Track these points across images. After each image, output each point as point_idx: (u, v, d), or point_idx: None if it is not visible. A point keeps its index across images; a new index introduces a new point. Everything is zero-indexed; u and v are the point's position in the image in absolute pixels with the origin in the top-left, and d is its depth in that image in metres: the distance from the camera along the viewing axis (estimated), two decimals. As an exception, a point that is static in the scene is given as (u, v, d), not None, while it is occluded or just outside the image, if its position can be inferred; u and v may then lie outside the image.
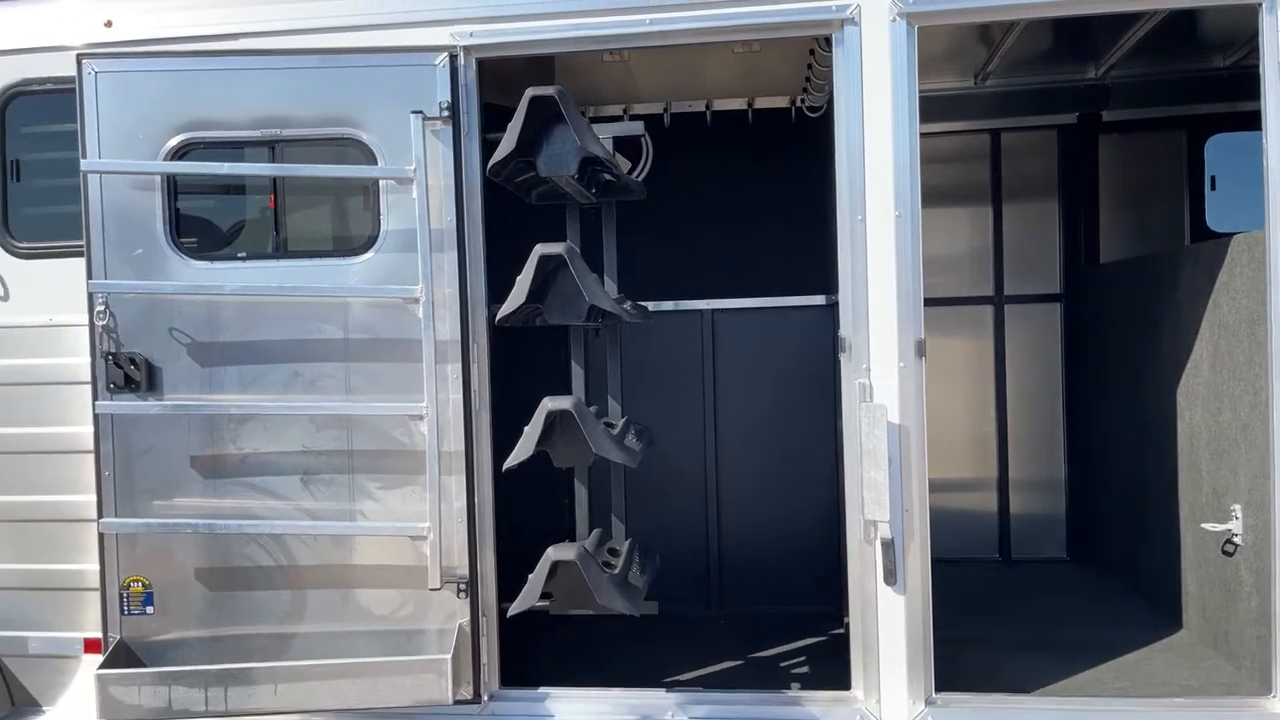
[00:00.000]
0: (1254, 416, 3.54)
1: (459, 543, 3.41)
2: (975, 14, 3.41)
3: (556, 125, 3.06)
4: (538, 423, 3.05)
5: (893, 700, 3.36)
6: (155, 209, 3.41)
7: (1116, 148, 5.58)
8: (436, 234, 3.37)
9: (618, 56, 4.26)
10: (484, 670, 3.47)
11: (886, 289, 3.33)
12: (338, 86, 3.39)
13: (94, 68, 3.36)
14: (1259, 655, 3.51)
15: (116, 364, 3.37)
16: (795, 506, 4.79)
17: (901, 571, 3.32)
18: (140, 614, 3.41)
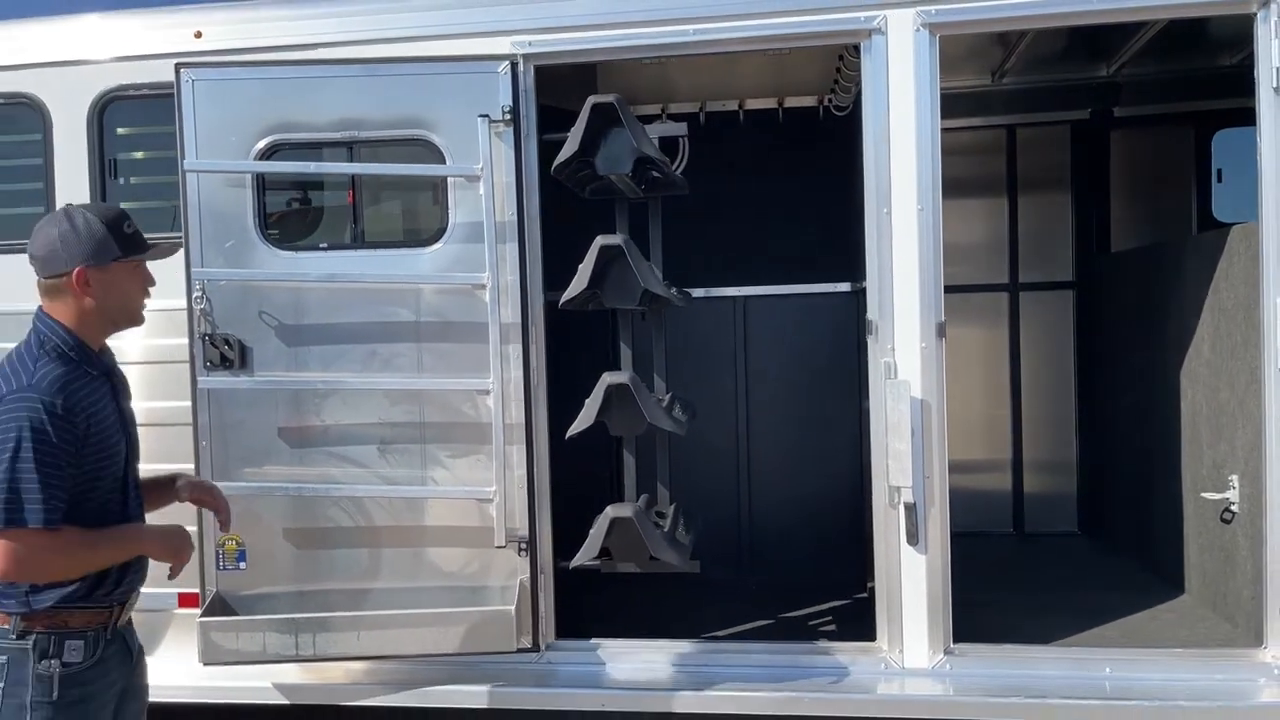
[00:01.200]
0: (1249, 393, 3.83)
1: (520, 506, 3.75)
2: (992, 24, 3.71)
3: (613, 128, 3.39)
4: (598, 395, 3.39)
5: (914, 650, 3.69)
6: (246, 204, 3.75)
7: (1127, 142, 5.82)
8: (500, 227, 3.69)
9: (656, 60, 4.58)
10: (542, 622, 3.81)
11: (910, 276, 3.64)
12: (410, 92, 3.71)
13: (191, 76, 3.70)
14: (1253, 613, 3.81)
15: (213, 344, 3.72)
16: (821, 479, 5.09)
17: (923, 532, 3.65)
18: (234, 569, 3.76)
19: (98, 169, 4.04)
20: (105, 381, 2.42)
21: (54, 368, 2.28)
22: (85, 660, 2.32)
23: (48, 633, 2.29)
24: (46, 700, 2.26)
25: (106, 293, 2.37)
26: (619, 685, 3.77)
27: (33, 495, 2.18)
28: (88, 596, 2.33)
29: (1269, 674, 3.53)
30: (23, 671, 2.26)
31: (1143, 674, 3.61)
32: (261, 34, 3.93)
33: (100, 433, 2.34)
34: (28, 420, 2.19)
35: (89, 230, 2.35)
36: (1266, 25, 3.45)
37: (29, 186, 4.14)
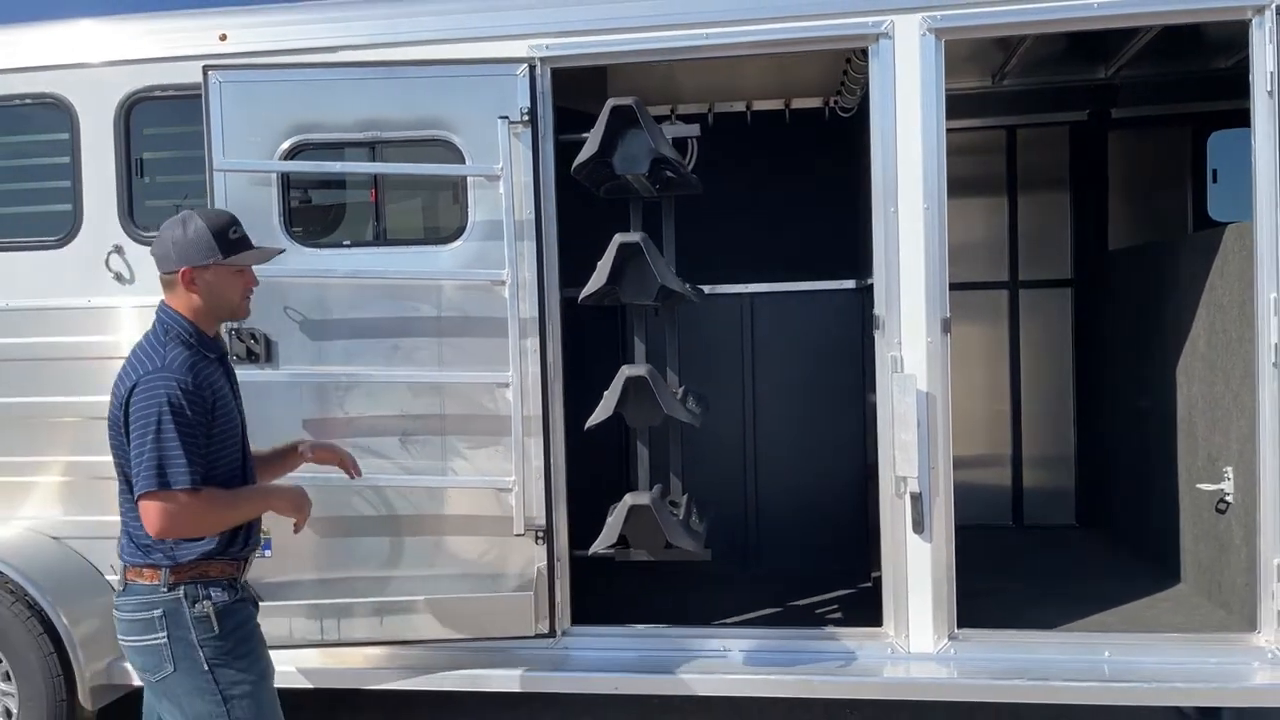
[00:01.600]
0: (1244, 387, 3.95)
1: (537, 495, 3.86)
2: (996, 29, 3.83)
3: (630, 129, 3.51)
4: (616, 387, 3.51)
5: (920, 635, 3.82)
6: (272, 202, 3.86)
7: (1124, 143, 5.92)
8: (518, 225, 3.80)
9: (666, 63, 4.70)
10: (558, 608, 3.92)
11: (916, 273, 3.76)
12: (431, 94, 3.81)
13: (219, 78, 3.80)
14: (1247, 600, 3.93)
15: (239, 339, 3.82)
16: (826, 472, 5.21)
17: (928, 521, 3.77)
18: (260, 557, 3.84)
19: (124, 168, 4.14)
20: (220, 364, 2.75)
21: (180, 351, 2.60)
22: (231, 598, 2.67)
23: (193, 582, 2.61)
24: (212, 635, 2.60)
25: (209, 290, 2.68)
26: (632, 669, 3.89)
27: (178, 462, 2.48)
28: (223, 552, 2.66)
29: (1262, 658, 3.65)
30: (181, 618, 2.59)
31: (1140, 657, 3.74)
32: (285, 37, 4.03)
33: (223, 409, 2.66)
34: (165, 397, 2.49)
35: (196, 234, 2.67)
36: (1261, 31, 3.57)
37: (57, 185, 4.23)
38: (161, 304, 2.72)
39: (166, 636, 2.59)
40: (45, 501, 4.26)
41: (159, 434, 2.48)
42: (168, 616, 2.59)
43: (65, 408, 4.20)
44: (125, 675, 4.05)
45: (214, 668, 2.60)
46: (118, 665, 4.06)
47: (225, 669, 2.61)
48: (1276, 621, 3.62)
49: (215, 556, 2.65)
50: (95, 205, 4.17)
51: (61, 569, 4.11)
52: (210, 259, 2.66)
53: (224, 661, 2.61)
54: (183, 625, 2.59)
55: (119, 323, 4.17)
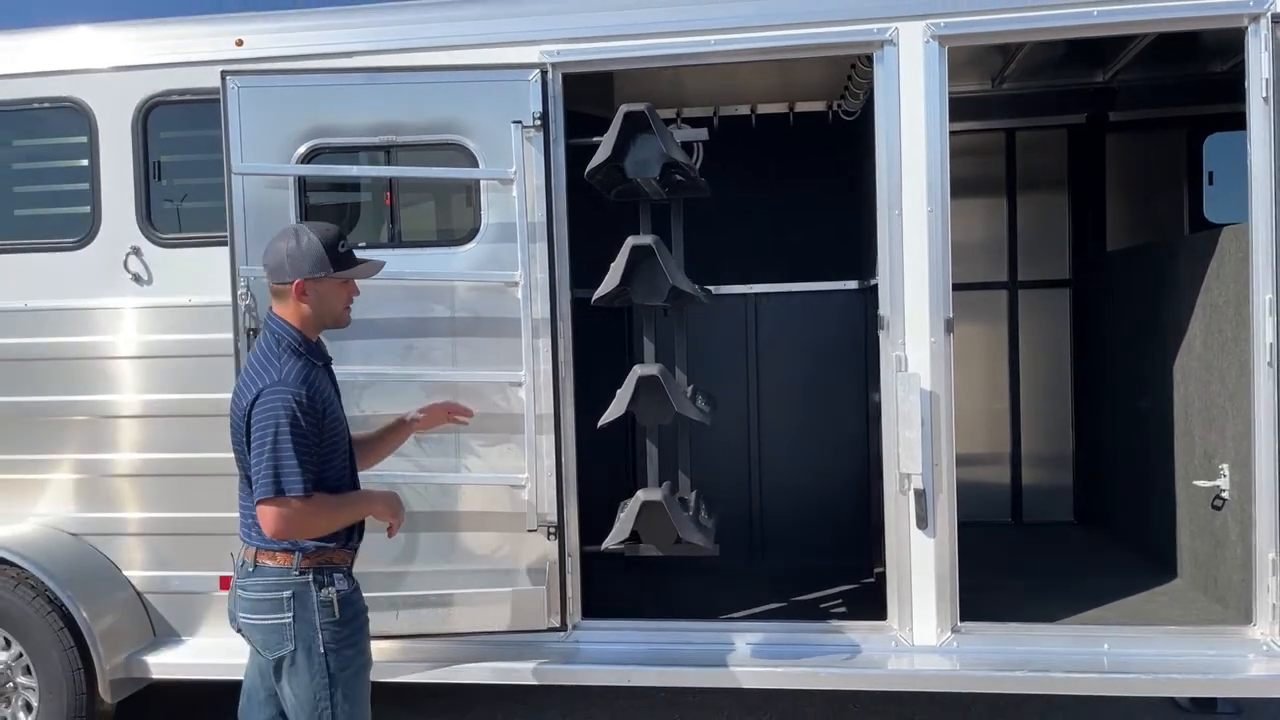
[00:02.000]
0: (1240, 386, 4.04)
1: (548, 492, 3.94)
2: (998, 36, 3.91)
3: (642, 134, 3.59)
4: (629, 386, 3.59)
5: (923, 628, 3.90)
6: (289, 205, 3.93)
7: (1122, 145, 6.01)
8: (531, 227, 3.88)
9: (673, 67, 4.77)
10: (569, 602, 4.00)
11: (920, 274, 3.84)
12: (445, 98, 3.89)
13: (236, 83, 3.88)
14: (1242, 594, 4.01)
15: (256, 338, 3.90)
16: (829, 470, 5.30)
17: (932, 517, 3.86)
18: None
19: (142, 171, 4.22)
20: (325, 371, 2.95)
21: (294, 362, 2.81)
22: (349, 587, 2.89)
23: (321, 568, 2.83)
24: (333, 620, 2.81)
25: (319, 300, 2.87)
26: (643, 661, 3.96)
27: (292, 470, 2.70)
28: (345, 543, 2.92)
29: (1257, 650, 3.74)
30: (308, 600, 2.81)
31: (1139, 650, 3.83)
32: (300, 42, 4.10)
33: (332, 415, 2.86)
34: (283, 409, 2.71)
35: (310, 247, 2.84)
36: (1257, 38, 3.65)
37: (76, 187, 4.30)
38: (270, 313, 2.92)
39: (292, 617, 2.79)
40: (63, 499, 4.33)
41: (276, 444, 2.69)
42: (296, 599, 2.79)
43: (83, 406, 4.28)
44: (144, 669, 4.14)
45: (328, 650, 2.80)
46: (136, 659, 4.14)
47: (337, 653, 2.81)
48: (1271, 614, 3.71)
49: (339, 546, 2.89)
50: (113, 208, 4.24)
51: (81, 564, 4.18)
52: (322, 271, 2.84)
53: (337, 647, 2.81)
54: (309, 608, 2.80)
55: (136, 323, 4.25)
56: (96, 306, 4.25)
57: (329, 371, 2.99)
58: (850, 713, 4.78)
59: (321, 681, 2.80)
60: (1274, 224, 3.66)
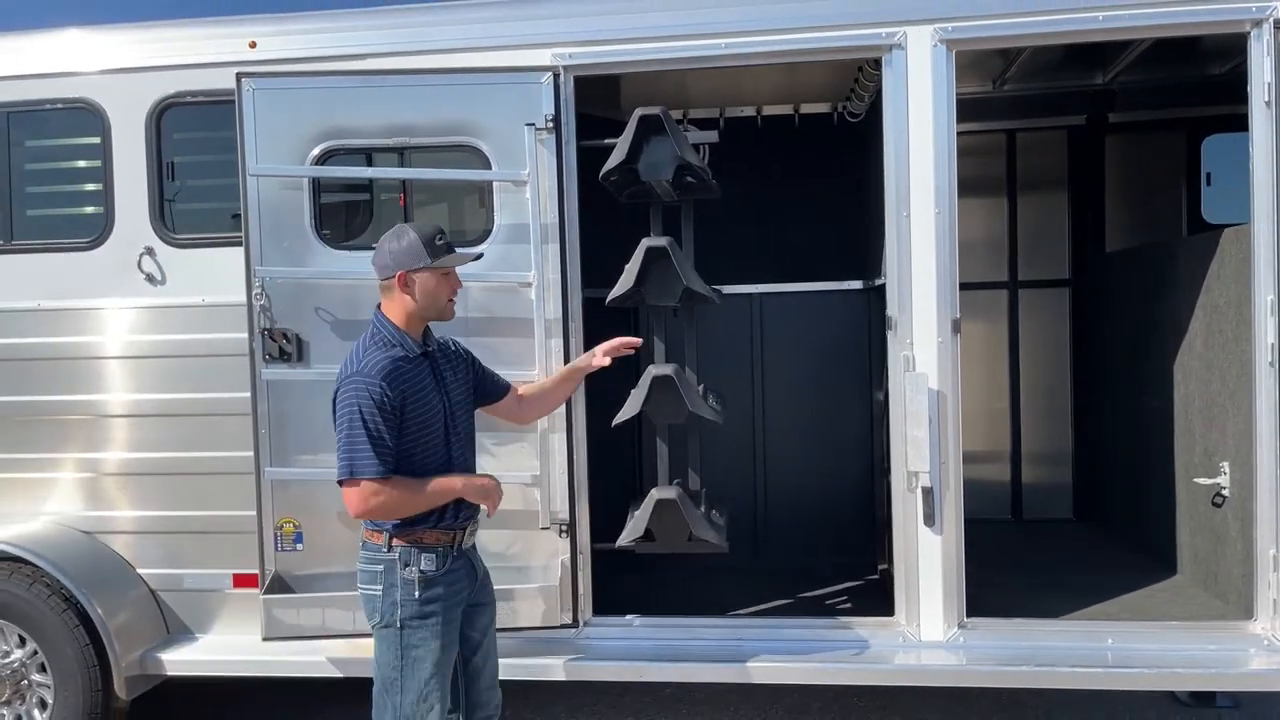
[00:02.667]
0: (1240, 385, 4.10)
1: (560, 490, 3.99)
2: (1004, 40, 3.96)
3: (656, 137, 3.64)
4: (643, 386, 3.63)
5: (930, 624, 3.95)
6: (303, 206, 3.97)
7: (1121, 147, 6.08)
8: (543, 229, 3.92)
9: (680, 69, 4.81)
10: (580, 599, 4.05)
11: (927, 275, 3.90)
12: (459, 101, 3.93)
13: (252, 85, 3.91)
14: (1243, 590, 4.08)
15: (271, 338, 3.93)
16: (832, 468, 5.35)
17: (939, 515, 3.91)
18: (292, 550, 3.98)
19: (155, 172, 4.24)
20: (424, 362, 3.09)
21: (379, 355, 2.98)
22: (437, 570, 3.04)
23: (408, 547, 3.02)
24: (411, 598, 3.01)
25: (422, 292, 3.06)
26: (654, 657, 4.01)
27: (365, 454, 2.90)
28: (437, 523, 3.06)
29: (1259, 644, 3.81)
30: (393, 576, 3.03)
31: (1142, 645, 3.89)
32: (313, 44, 4.14)
33: (418, 405, 3.01)
34: (357, 398, 2.92)
35: (410, 243, 3.04)
36: (1259, 43, 3.71)
37: (89, 188, 4.33)
38: (376, 309, 3.12)
39: (381, 590, 3.03)
40: (76, 497, 4.36)
41: (350, 430, 2.92)
42: (385, 573, 3.03)
43: (96, 406, 4.31)
44: (159, 666, 4.17)
45: (404, 626, 3.00)
46: (151, 656, 4.17)
47: (414, 631, 3.01)
48: (1273, 609, 3.77)
49: (430, 527, 3.05)
50: (127, 208, 4.27)
51: (95, 562, 4.21)
52: (420, 263, 3.02)
53: (415, 625, 3.01)
54: (393, 583, 3.02)
55: (149, 323, 4.28)
56: (110, 306, 4.28)
57: (432, 361, 3.12)
58: (856, 707, 4.84)
59: (395, 653, 3.02)
60: (1276, 226, 3.73)
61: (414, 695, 3.03)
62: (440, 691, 3.06)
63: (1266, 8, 3.67)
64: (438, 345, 3.20)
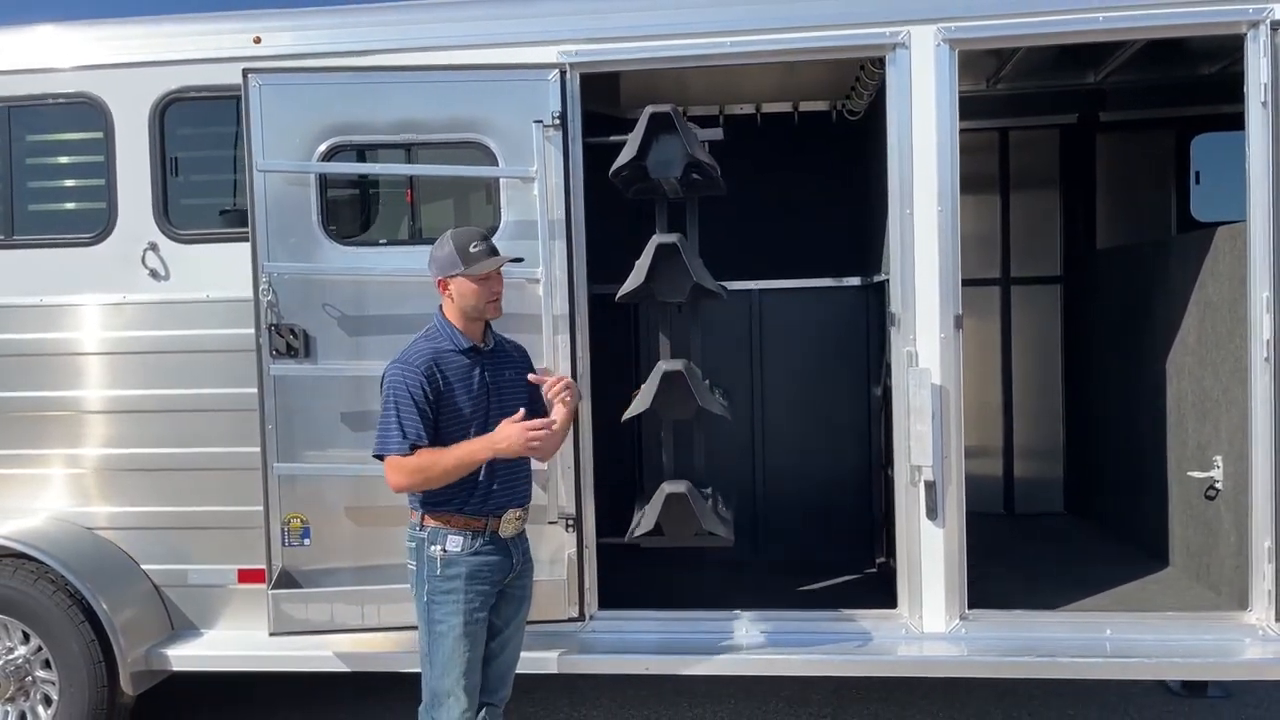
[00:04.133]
0: (1234, 381, 4.17)
1: (567, 485, 4.02)
2: (1006, 40, 4.04)
3: (664, 134, 3.67)
4: (654, 381, 3.67)
5: (933, 616, 4.01)
6: (310, 202, 3.97)
7: (1112, 145, 6.14)
8: (551, 225, 3.94)
9: (680, 67, 4.84)
10: (587, 593, 4.08)
11: (930, 271, 3.95)
12: (466, 98, 3.94)
13: (258, 80, 3.90)
14: (1236, 582, 4.15)
15: (279, 334, 3.94)
16: (831, 463, 5.41)
17: (941, 508, 3.97)
18: (299, 545, 3.98)
19: (159, 167, 4.23)
20: (471, 355, 3.24)
21: (425, 347, 3.20)
22: (461, 551, 3.19)
23: (437, 527, 3.20)
24: (434, 574, 3.19)
25: (459, 295, 3.23)
26: (660, 650, 4.05)
27: (393, 433, 3.11)
28: (462, 508, 3.20)
29: (1253, 634, 3.88)
30: (422, 554, 3.22)
31: (1140, 635, 3.97)
32: (319, 40, 4.14)
33: (455, 396, 3.18)
34: (395, 382, 3.14)
35: (448, 249, 3.22)
36: (1256, 44, 3.78)
37: (92, 183, 4.31)
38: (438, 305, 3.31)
39: (415, 565, 3.24)
40: (79, 493, 4.34)
41: (384, 411, 3.15)
42: (417, 550, 3.23)
43: (99, 401, 4.30)
44: (164, 661, 4.17)
45: (430, 602, 3.20)
46: (156, 652, 4.17)
47: (437, 606, 3.19)
48: (1268, 600, 3.85)
49: (455, 511, 3.20)
50: (130, 203, 4.25)
51: (99, 558, 4.21)
52: (455, 270, 3.20)
53: (439, 601, 3.19)
54: (422, 561, 3.22)
55: (153, 318, 4.26)
56: (113, 302, 4.27)
57: (483, 356, 3.26)
58: (854, 699, 4.89)
59: (425, 628, 3.22)
60: (1271, 224, 3.78)
61: (439, 668, 3.18)
62: (464, 666, 3.18)
63: (1263, 9, 3.74)
64: (496, 345, 3.35)
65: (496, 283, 3.29)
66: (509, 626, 3.37)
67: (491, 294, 3.26)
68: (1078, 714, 4.69)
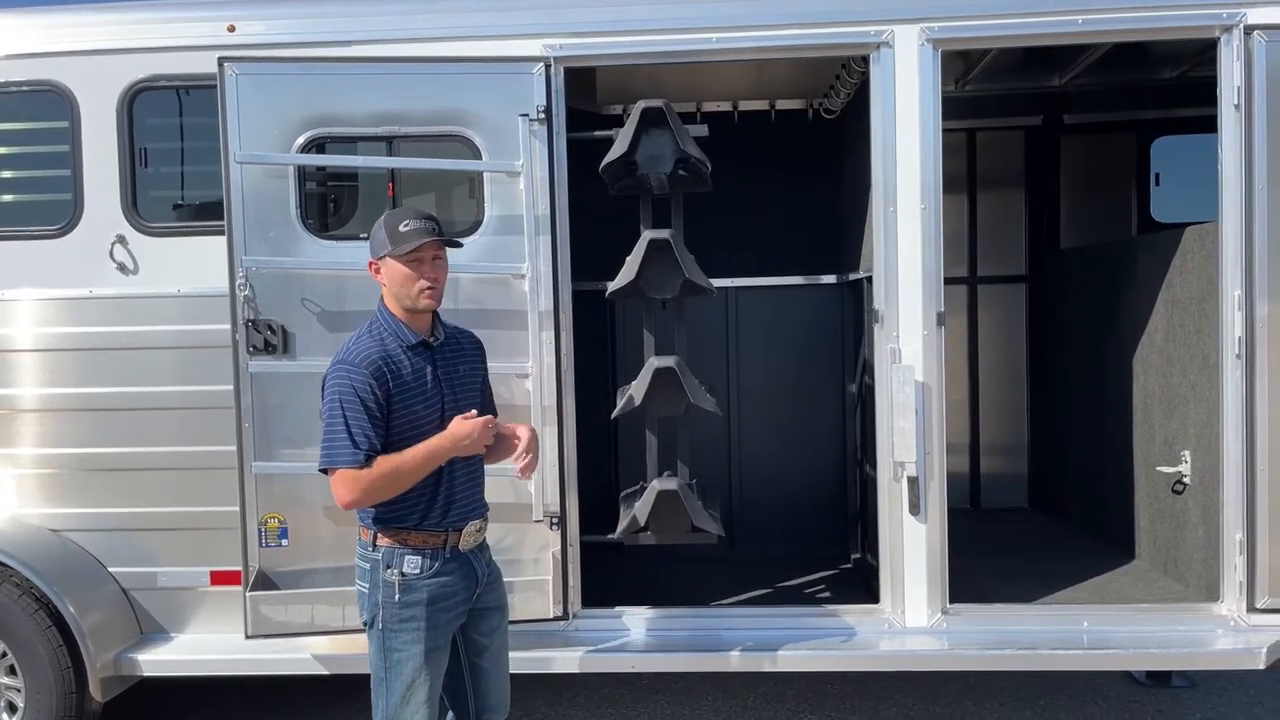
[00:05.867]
0: (1202, 377, 4.27)
1: (552, 483, 3.98)
2: (988, 41, 4.09)
3: (655, 129, 3.65)
4: (645, 378, 3.64)
5: (915, 610, 4.04)
6: (288, 195, 3.88)
7: (1076, 147, 6.27)
8: (536, 220, 3.90)
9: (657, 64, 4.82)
10: (570, 591, 4.04)
11: (913, 269, 3.98)
12: (449, 90, 3.89)
13: (235, 69, 3.80)
14: (1204, 574, 4.25)
15: (256, 330, 3.84)
16: (807, 460, 5.44)
17: (924, 504, 4.00)
18: (276, 546, 3.89)
19: (127, 158, 4.11)
20: (420, 351, 2.95)
21: (369, 345, 2.88)
22: (421, 573, 2.90)
23: (392, 547, 2.91)
24: (390, 600, 2.89)
25: (390, 280, 2.93)
26: (646, 649, 4.04)
27: (342, 443, 2.80)
28: (419, 524, 2.91)
29: (1225, 625, 3.97)
30: (376, 576, 2.92)
31: (1116, 627, 4.04)
32: (295, 30, 4.05)
33: (408, 396, 2.87)
34: (338, 387, 2.83)
35: (379, 230, 2.94)
36: (1229, 48, 3.86)
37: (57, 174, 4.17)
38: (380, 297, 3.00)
39: (368, 588, 2.95)
40: (43, 494, 4.20)
41: (329, 420, 2.84)
42: (371, 572, 2.94)
43: (65, 399, 4.16)
44: (134, 666, 4.05)
45: (387, 628, 2.91)
46: (125, 657, 4.05)
47: (394, 634, 2.90)
48: (1239, 592, 3.94)
49: (413, 527, 2.91)
50: (96, 195, 4.12)
51: (66, 561, 4.08)
52: (384, 250, 2.91)
53: (396, 628, 2.90)
54: (376, 584, 2.92)
55: (121, 314, 4.14)
56: (79, 296, 4.14)
57: (434, 351, 2.98)
58: (830, 694, 4.92)
59: (380, 656, 2.94)
60: (1243, 225, 3.87)
61: (398, 697, 2.92)
62: (425, 696, 2.93)
63: (1236, 14, 3.83)
64: (447, 337, 3.06)
65: (432, 268, 2.93)
66: (492, 639, 3.17)
67: (428, 280, 2.91)
68: (1048, 704, 4.77)
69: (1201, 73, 5.07)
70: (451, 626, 3.01)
